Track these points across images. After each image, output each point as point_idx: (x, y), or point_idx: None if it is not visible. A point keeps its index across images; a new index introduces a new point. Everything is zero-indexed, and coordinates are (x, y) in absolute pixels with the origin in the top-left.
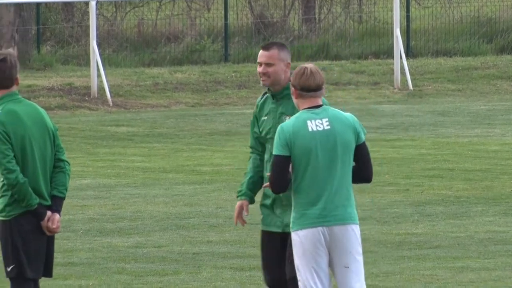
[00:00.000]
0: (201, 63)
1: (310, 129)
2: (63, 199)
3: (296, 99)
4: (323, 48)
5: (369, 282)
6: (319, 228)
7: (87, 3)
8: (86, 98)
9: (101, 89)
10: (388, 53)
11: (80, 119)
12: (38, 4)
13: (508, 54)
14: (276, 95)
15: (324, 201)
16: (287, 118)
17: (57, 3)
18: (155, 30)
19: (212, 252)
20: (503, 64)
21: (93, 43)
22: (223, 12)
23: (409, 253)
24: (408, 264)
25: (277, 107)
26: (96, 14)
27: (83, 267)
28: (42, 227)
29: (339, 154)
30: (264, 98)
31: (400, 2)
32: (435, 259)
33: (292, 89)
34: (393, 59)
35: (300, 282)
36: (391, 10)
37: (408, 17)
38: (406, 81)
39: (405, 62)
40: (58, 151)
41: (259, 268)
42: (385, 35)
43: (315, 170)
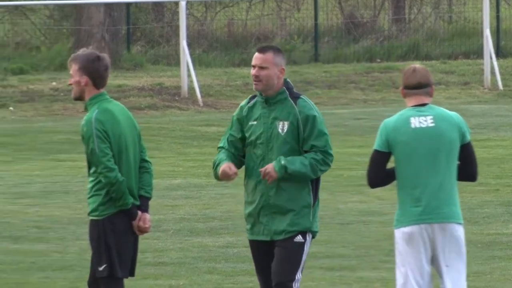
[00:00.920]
0: (291, 63)
1: (413, 126)
2: (149, 199)
3: (404, 98)
4: (413, 48)
5: None
6: (422, 225)
7: (177, 3)
8: (176, 98)
9: (191, 89)
10: (478, 53)
11: (170, 119)
12: (128, 4)
13: None
14: (269, 100)
15: (427, 199)
16: (281, 123)
17: (147, 3)
18: (245, 30)
19: None
20: None
21: (183, 43)
22: (313, 12)
23: (499, 253)
24: (499, 264)
25: (270, 112)
26: (186, 14)
27: (173, 267)
28: (133, 226)
29: (442, 152)
30: (253, 102)
31: (490, 2)
32: None
33: (400, 88)
34: (483, 59)
35: (401, 279)
36: (481, 10)
37: (498, 17)
38: (496, 81)
39: (495, 62)
40: (142, 151)
41: (350, 268)
42: (475, 35)
43: (417, 167)
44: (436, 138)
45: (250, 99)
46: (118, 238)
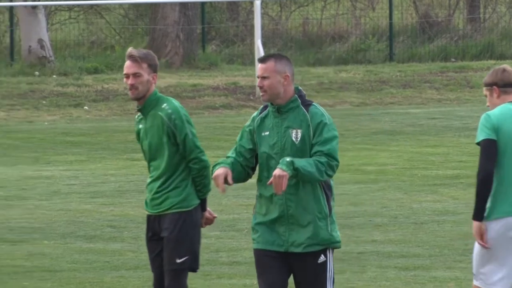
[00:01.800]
0: (365, 62)
1: None
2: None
3: (497, 99)
4: (488, 48)
5: None
6: None
7: (252, 2)
8: (251, 98)
9: None
10: None
11: (245, 118)
12: (203, 4)
13: None
14: (280, 109)
15: None
16: (294, 131)
17: (222, 2)
18: (320, 30)
19: (376, 252)
20: None
21: (258, 42)
22: (388, 11)
23: None
24: None
25: (282, 121)
26: (261, 14)
27: (247, 266)
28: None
29: None
30: (266, 112)
31: None
32: None
33: (488, 90)
34: None
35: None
36: None
37: None
38: None
39: None
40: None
41: (423, 267)
42: None
43: None
44: None
45: (262, 110)
46: (198, 230)
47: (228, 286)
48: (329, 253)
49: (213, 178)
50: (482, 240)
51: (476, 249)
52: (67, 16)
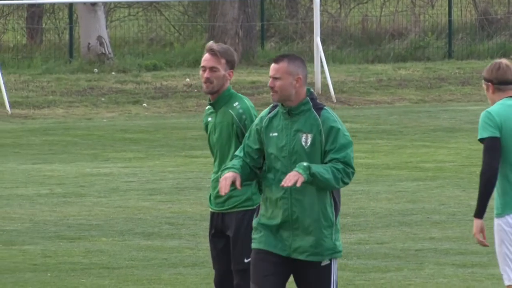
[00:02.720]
0: (424, 59)
1: None
2: None
3: (492, 94)
4: None
5: None
6: None
7: (311, 0)
8: None
9: (324, 85)
10: None
11: None
12: (262, 1)
13: None
14: (291, 111)
15: None
16: (304, 135)
17: None
18: (379, 27)
19: (434, 249)
20: None
21: (317, 39)
22: (447, 8)
23: None
24: None
25: (292, 124)
26: (320, 11)
27: None
28: None
29: None
30: (274, 112)
31: None
32: None
33: (485, 85)
34: None
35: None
36: None
37: None
38: None
39: None
40: None
41: (481, 264)
42: None
43: None
44: None
45: (272, 109)
46: None
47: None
48: (334, 261)
49: (220, 180)
50: (483, 237)
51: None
52: (126, 13)
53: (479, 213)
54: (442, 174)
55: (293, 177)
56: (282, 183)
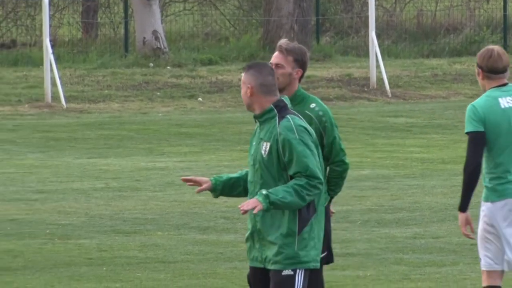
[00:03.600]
0: None
1: (502, 106)
2: None
3: (482, 80)
4: None
5: None
6: (508, 199)
7: None
8: (365, 89)
9: (379, 80)
10: None
11: (359, 110)
12: None
13: None
14: (257, 119)
15: None
16: (264, 144)
17: None
18: (434, 21)
19: None
20: None
21: (372, 34)
22: (502, 3)
23: None
24: None
25: (260, 132)
26: (375, 5)
27: (361, 258)
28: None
29: None
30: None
31: None
32: None
33: (477, 70)
34: None
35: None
36: None
37: None
38: None
39: None
40: None
41: None
42: None
43: (506, 146)
44: None
45: None
46: (330, 226)
47: (341, 277)
48: (299, 271)
49: (193, 180)
50: (467, 230)
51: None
52: (182, 7)
53: (463, 206)
54: None
55: (251, 204)
56: (240, 206)
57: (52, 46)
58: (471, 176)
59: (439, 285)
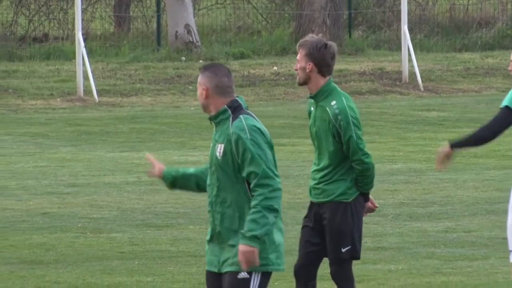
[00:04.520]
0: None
1: None
2: None
3: None
4: None
5: None
6: None
7: None
8: (397, 83)
9: (412, 74)
10: None
11: (391, 103)
12: None
13: None
14: (212, 120)
15: None
16: (219, 146)
17: None
18: (466, 15)
19: None
20: None
21: (404, 28)
22: None
23: None
24: None
25: (215, 134)
26: None
27: (392, 252)
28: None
29: None
30: None
31: None
32: None
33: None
34: None
35: None
36: None
37: None
38: None
39: None
40: None
41: None
42: None
43: None
44: None
45: None
46: (360, 220)
47: (372, 271)
48: (256, 275)
49: (151, 160)
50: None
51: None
52: (214, 1)
53: (455, 145)
54: None
55: (247, 260)
56: (242, 266)
57: (84, 40)
58: (481, 141)
59: (470, 279)
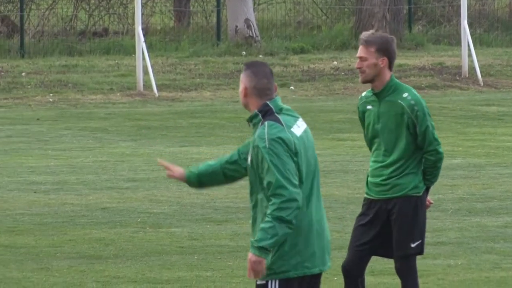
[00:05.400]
0: None
1: None
2: None
3: None
4: None
5: None
6: None
7: None
8: (457, 78)
9: (471, 68)
10: None
11: (450, 98)
12: None
13: None
14: (248, 122)
15: None
16: (250, 150)
17: None
18: None
19: None
20: None
21: (464, 22)
22: None
23: None
24: None
25: (252, 136)
26: None
27: (452, 247)
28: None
29: None
30: None
31: None
32: None
33: None
34: None
35: None
36: None
37: None
38: None
39: None
40: None
41: None
42: None
43: None
44: None
45: None
46: (425, 214)
47: (432, 266)
48: (272, 282)
49: (165, 166)
50: None
51: None
52: None
53: None
54: None
55: (253, 270)
56: (248, 275)
57: (144, 34)
58: None
59: None
